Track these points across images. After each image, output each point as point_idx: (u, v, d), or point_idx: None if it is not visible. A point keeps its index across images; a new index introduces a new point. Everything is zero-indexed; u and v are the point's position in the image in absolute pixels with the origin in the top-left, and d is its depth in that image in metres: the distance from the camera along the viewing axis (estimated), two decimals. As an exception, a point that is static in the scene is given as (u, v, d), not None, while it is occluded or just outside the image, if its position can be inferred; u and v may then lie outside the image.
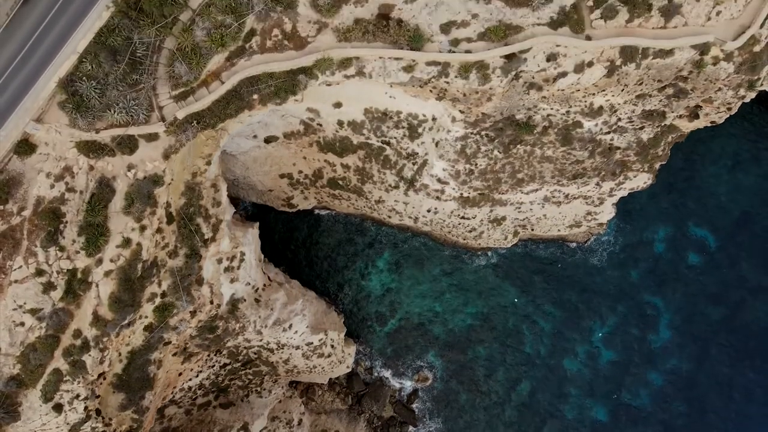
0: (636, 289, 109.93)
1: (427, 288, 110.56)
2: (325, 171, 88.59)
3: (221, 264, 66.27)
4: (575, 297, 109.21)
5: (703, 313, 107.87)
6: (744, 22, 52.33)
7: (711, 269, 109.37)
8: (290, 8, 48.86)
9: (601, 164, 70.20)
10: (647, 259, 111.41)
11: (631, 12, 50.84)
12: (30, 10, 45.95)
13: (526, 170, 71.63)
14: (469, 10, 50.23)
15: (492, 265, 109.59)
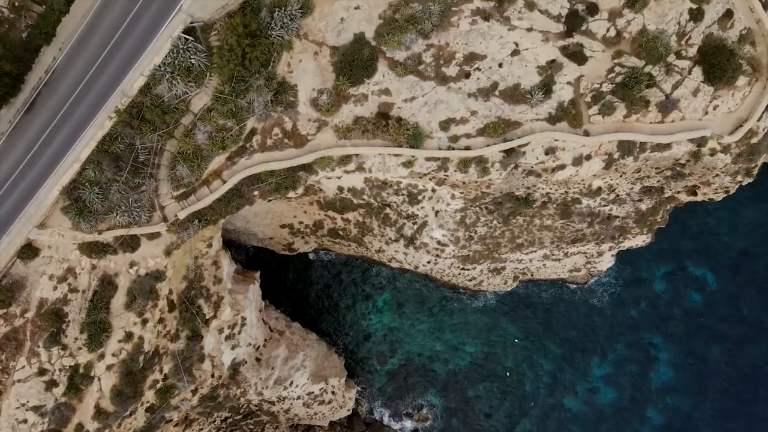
0: (636, 328, 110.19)
1: (427, 327, 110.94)
2: (326, 223, 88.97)
3: (222, 334, 66.79)
4: (575, 335, 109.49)
5: (703, 351, 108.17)
6: (741, 115, 52.61)
7: (711, 308, 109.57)
8: (291, 107, 49.29)
9: (600, 230, 70.57)
10: (647, 298, 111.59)
11: (629, 108, 51.16)
12: (33, 118, 46.38)
13: (526, 236, 72.03)
14: (468, 107, 50.60)
15: (492, 305, 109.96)
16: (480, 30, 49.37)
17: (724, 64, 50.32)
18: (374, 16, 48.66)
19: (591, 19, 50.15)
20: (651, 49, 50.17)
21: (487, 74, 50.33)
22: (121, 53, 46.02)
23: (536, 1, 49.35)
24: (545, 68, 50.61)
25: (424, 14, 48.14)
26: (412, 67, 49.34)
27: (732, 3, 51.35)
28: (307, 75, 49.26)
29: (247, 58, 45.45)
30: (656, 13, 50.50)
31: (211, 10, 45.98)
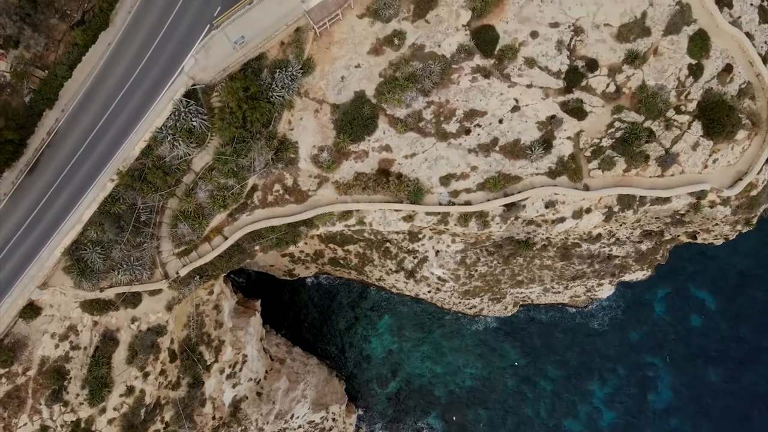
0: (636, 351, 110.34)
1: (427, 350, 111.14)
2: (326, 252, 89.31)
3: (223, 374, 67.01)
4: (576, 358, 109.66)
5: (703, 374, 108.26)
6: (741, 168, 52.79)
7: (711, 331, 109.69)
8: (291, 164, 49.52)
9: (600, 268, 70.77)
10: (647, 320, 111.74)
11: (629, 162, 51.32)
12: (35, 179, 46.63)
13: (526, 274, 72.25)
14: (469, 162, 50.80)
15: (492, 328, 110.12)
16: (480, 87, 49.53)
17: (723, 119, 50.47)
18: (375, 74, 48.82)
19: (591, 75, 50.33)
20: (650, 105, 50.36)
21: (487, 130, 50.51)
22: (123, 115, 46.23)
23: (536, 58, 49.49)
24: (545, 124, 50.78)
25: (425, 73, 48.31)
26: (412, 124, 49.52)
27: (731, 57, 51.49)
28: (308, 132, 49.45)
29: (248, 120, 45.63)
30: (655, 68, 50.66)
31: (212, 72, 46.14)
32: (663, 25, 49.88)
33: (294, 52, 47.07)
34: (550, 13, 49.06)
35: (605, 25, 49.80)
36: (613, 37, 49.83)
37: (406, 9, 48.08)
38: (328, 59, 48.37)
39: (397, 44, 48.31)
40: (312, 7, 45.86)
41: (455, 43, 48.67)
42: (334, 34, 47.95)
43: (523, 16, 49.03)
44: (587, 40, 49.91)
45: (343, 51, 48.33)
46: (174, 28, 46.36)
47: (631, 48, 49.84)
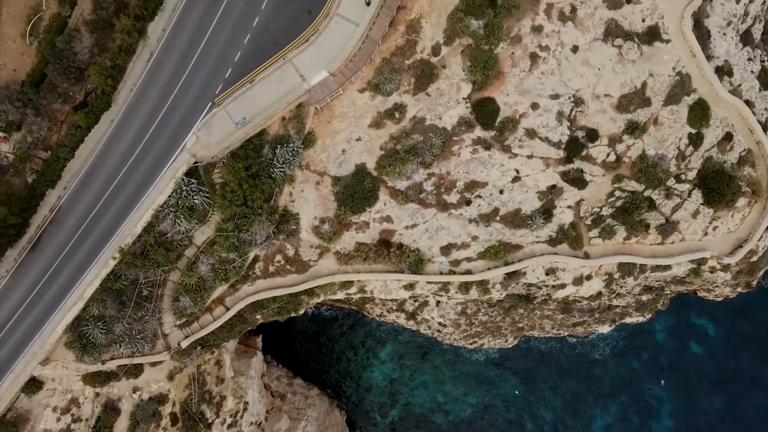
0: (637, 379, 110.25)
1: (428, 379, 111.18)
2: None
3: (224, 424, 67.18)
4: (576, 386, 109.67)
5: (705, 402, 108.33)
6: (741, 235, 52.94)
7: (712, 358, 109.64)
8: (292, 235, 49.72)
9: (600, 316, 70.93)
10: (649, 348, 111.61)
11: (629, 231, 51.45)
12: (37, 255, 46.86)
13: (527, 322, 72.44)
14: (469, 232, 50.99)
15: (493, 358, 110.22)
16: (481, 159, 49.71)
17: (723, 189, 50.65)
18: (376, 147, 49.02)
19: (591, 146, 50.50)
20: (650, 175, 50.55)
21: (488, 201, 50.70)
22: (125, 192, 46.50)
23: (537, 129, 49.67)
24: (546, 193, 50.97)
25: (426, 146, 48.50)
26: (413, 195, 49.75)
27: (731, 125, 51.66)
28: (309, 204, 49.67)
29: (250, 198, 45.79)
30: (656, 138, 50.82)
31: (213, 150, 46.36)
32: (663, 95, 50.01)
33: (295, 127, 47.27)
34: (551, 84, 49.19)
35: (605, 96, 49.94)
36: (613, 108, 49.96)
37: (407, 82, 48.23)
38: (329, 133, 48.55)
39: (397, 117, 48.49)
40: (313, 85, 45.98)
41: (456, 115, 48.83)
42: (335, 108, 48.13)
43: (523, 88, 49.17)
44: (587, 111, 50.06)
45: (344, 124, 48.51)
46: (176, 105, 46.55)
47: (632, 118, 49.99)
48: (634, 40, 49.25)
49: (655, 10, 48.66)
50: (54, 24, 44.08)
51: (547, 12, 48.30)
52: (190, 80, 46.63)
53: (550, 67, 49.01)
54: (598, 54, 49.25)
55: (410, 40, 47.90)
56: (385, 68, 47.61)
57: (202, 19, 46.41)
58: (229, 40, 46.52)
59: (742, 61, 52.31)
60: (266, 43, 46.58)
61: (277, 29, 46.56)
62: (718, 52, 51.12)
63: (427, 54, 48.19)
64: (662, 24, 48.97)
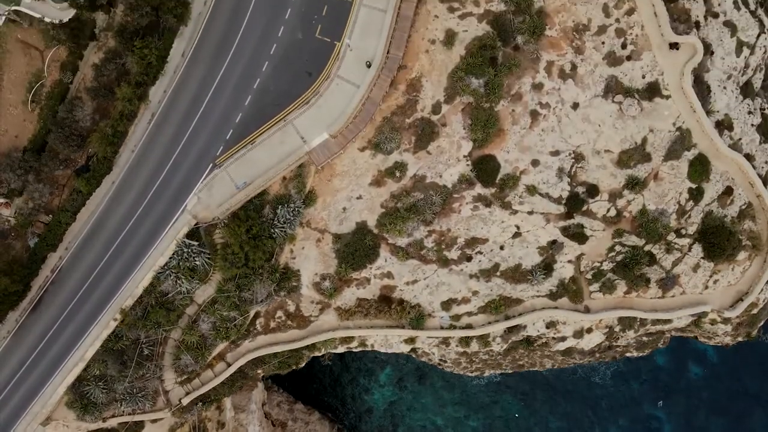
0: (638, 402, 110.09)
1: (428, 401, 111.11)
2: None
3: (225, 466, 67.28)
4: (577, 410, 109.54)
5: (705, 424, 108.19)
6: (742, 288, 53.07)
7: (712, 380, 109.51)
8: (293, 291, 49.87)
9: (601, 356, 71.07)
10: (649, 370, 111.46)
11: (630, 285, 51.59)
12: (38, 316, 47.01)
13: (527, 360, 72.57)
14: (470, 287, 51.15)
15: (493, 382, 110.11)
16: (482, 216, 49.85)
17: (723, 243, 50.79)
18: (376, 205, 49.15)
19: (591, 201, 50.60)
20: (651, 230, 50.70)
21: (488, 256, 50.84)
22: (126, 253, 46.65)
23: (537, 186, 49.79)
24: (546, 248, 51.11)
25: (426, 203, 48.63)
26: (414, 252, 49.92)
27: (732, 179, 51.78)
28: (310, 261, 49.82)
29: (251, 259, 45.94)
30: (656, 193, 50.95)
31: (214, 211, 46.55)
32: (663, 150, 50.15)
33: (296, 187, 47.44)
34: (551, 141, 49.34)
35: (606, 152, 50.09)
36: (613, 163, 50.11)
37: (408, 141, 48.37)
38: (329, 191, 48.67)
39: (398, 176, 48.64)
40: (314, 147, 46.13)
41: (456, 173, 48.97)
42: (336, 166, 48.28)
43: (524, 145, 49.31)
44: (588, 167, 50.19)
45: (344, 183, 48.64)
46: (177, 166, 46.73)
47: (632, 174, 50.12)
48: (635, 96, 49.38)
49: (655, 66, 48.78)
50: (56, 90, 44.22)
51: (548, 69, 48.40)
52: (191, 141, 46.71)
53: (550, 124, 49.13)
54: (598, 110, 49.39)
55: (411, 99, 47.99)
56: (386, 127, 47.73)
57: (203, 80, 46.54)
58: (230, 102, 46.64)
59: (742, 114, 52.44)
60: (267, 105, 46.71)
61: (278, 91, 46.68)
62: (718, 106, 51.25)
63: (427, 112, 48.32)
64: (662, 80, 49.12)
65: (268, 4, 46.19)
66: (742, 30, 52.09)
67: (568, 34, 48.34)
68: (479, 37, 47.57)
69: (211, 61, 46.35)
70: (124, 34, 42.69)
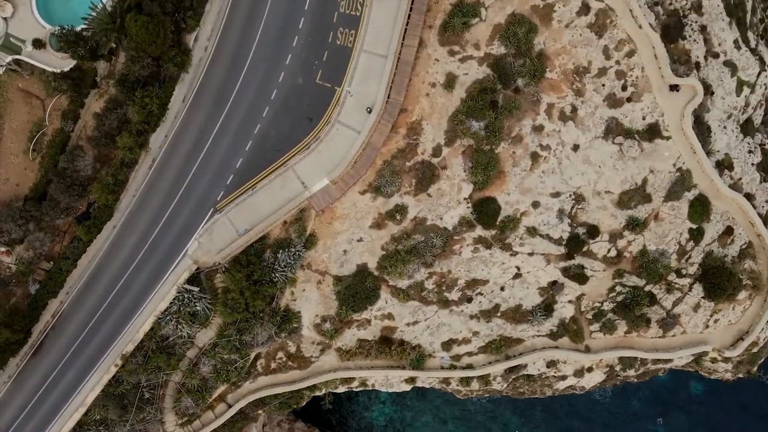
0: (638, 418, 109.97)
1: (429, 419, 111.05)
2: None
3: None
4: (577, 426, 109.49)
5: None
6: (742, 327, 53.15)
7: (713, 397, 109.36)
8: (294, 332, 49.94)
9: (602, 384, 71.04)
10: (649, 387, 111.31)
11: (630, 325, 51.65)
12: (39, 361, 47.10)
13: (527, 388, 72.51)
14: (470, 328, 51.26)
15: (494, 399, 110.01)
16: (482, 257, 49.90)
17: (724, 284, 50.82)
18: (377, 247, 49.20)
19: (592, 242, 50.62)
20: (651, 271, 50.79)
21: (489, 297, 50.93)
22: (127, 298, 46.72)
23: (537, 227, 49.86)
24: (547, 289, 51.20)
25: (427, 246, 48.67)
26: (414, 294, 50.03)
27: (732, 219, 51.83)
28: (311, 302, 49.90)
29: (251, 305, 46.03)
30: (656, 233, 51.02)
31: (215, 256, 46.56)
32: (664, 191, 50.22)
33: (297, 231, 47.50)
34: (552, 183, 49.38)
35: (606, 193, 50.14)
36: (614, 204, 50.16)
37: (408, 183, 48.41)
38: (330, 234, 48.72)
39: (398, 219, 48.68)
40: (315, 192, 46.19)
41: (457, 215, 49.01)
42: (337, 209, 48.34)
43: (524, 186, 49.35)
44: (588, 208, 50.26)
45: (345, 225, 48.68)
46: (178, 211, 46.79)
47: (632, 214, 50.19)
48: (635, 138, 49.43)
49: (655, 108, 48.85)
50: (57, 139, 44.27)
51: (548, 112, 48.45)
52: (192, 186, 46.82)
53: (551, 165, 49.18)
54: (598, 152, 49.43)
55: (411, 142, 48.03)
56: (387, 170, 47.78)
57: (204, 125, 46.62)
58: (231, 147, 46.70)
59: (742, 154, 52.53)
60: (268, 150, 46.77)
61: (279, 136, 46.73)
62: (718, 146, 51.34)
63: (428, 155, 48.36)
64: (662, 121, 49.17)
65: (269, 50, 46.21)
66: (743, 69, 52.14)
67: (568, 77, 48.32)
68: (480, 80, 47.53)
69: (212, 107, 46.35)
70: (125, 84, 42.71)
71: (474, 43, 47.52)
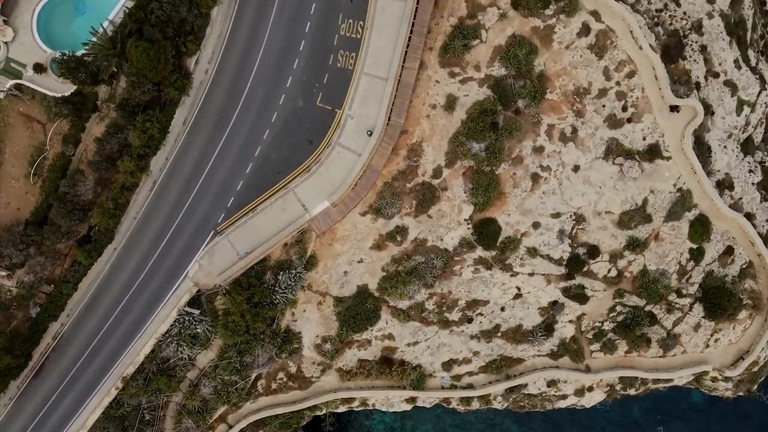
0: (639, 426, 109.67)
1: (429, 428, 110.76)
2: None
3: None
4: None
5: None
6: (743, 347, 53.21)
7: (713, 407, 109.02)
8: (295, 353, 50.01)
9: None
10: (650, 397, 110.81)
11: (630, 345, 51.69)
12: (40, 383, 47.17)
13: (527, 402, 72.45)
14: (471, 348, 51.32)
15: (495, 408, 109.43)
16: (482, 278, 49.95)
17: (724, 304, 50.86)
18: (377, 268, 49.24)
19: (592, 262, 50.65)
20: (652, 291, 50.84)
21: (489, 318, 50.98)
22: (128, 320, 46.76)
23: (538, 248, 49.89)
24: (547, 309, 51.27)
25: (427, 267, 48.69)
26: (414, 314, 50.09)
27: (732, 238, 51.87)
28: (311, 323, 49.96)
29: (252, 327, 46.08)
30: (657, 254, 51.05)
31: (216, 278, 46.58)
32: (664, 211, 50.26)
33: (297, 253, 47.55)
34: (552, 203, 49.42)
35: (606, 213, 50.20)
36: (614, 224, 50.20)
37: (408, 205, 48.46)
38: (330, 255, 48.77)
39: (399, 240, 48.72)
40: (315, 215, 46.22)
41: (457, 236, 49.06)
42: (337, 231, 48.37)
43: (525, 207, 49.39)
44: (588, 228, 50.31)
45: (345, 247, 48.73)
46: (178, 233, 46.85)
47: (633, 234, 50.23)
48: (635, 158, 49.49)
49: (655, 128, 48.91)
50: (58, 163, 44.32)
51: (549, 133, 48.50)
52: (192, 209, 46.86)
53: (551, 186, 49.21)
54: (599, 172, 49.48)
55: (412, 164, 48.09)
56: (387, 192, 47.83)
57: (204, 148, 46.69)
58: (231, 169, 46.75)
59: (743, 173, 52.58)
60: (268, 173, 46.82)
61: (280, 159, 46.78)
62: (718, 166, 51.40)
63: (428, 176, 48.41)
64: (663, 142, 49.23)
65: (269, 72, 46.28)
66: (743, 89, 52.20)
67: (568, 98, 48.37)
68: (480, 102, 47.58)
69: (213, 129, 46.41)
70: (126, 108, 42.74)
71: (474, 64, 47.54)
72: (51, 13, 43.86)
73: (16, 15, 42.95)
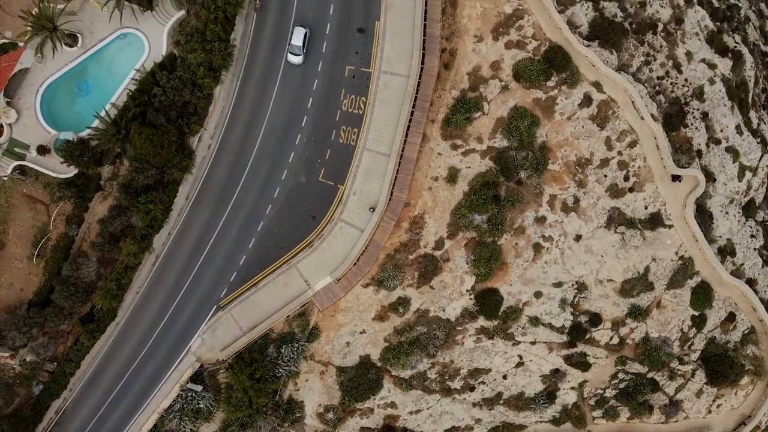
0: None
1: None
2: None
3: None
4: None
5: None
6: (744, 411, 53.22)
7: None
8: (297, 422, 49.97)
9: None
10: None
11: (633, 412, 51.69)
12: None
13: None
14: (473, 416, 51.31)
15: None
16: (484, 347, 50.03)
17: (726, 371, 50.88)
18: (380, 339, 49.30)
19: (594, 330, 50.70)
20: (654, 358, 50.88)
21: (491, 386, 51.01)
22: (130, 395, 46.83)
23: (540, 317, 49.95)
24: (549, 377, 51.29)
25: (429, 338, 48.76)
26: (417, 383, 50.07)
27: (734, 305, 51.91)
28: (314, 392, 49.98)
29: (255, 402, 46.09)
30: (659, 321, 51.12)
31: (218, 352, 46.64)
32: (666, 279, 50.34)
33: (299, 325, 47.63)
34: (554, 273, 49.49)
35: (608, 281, 50.28)
36: (616, 292, 50.29)
37: (411, 276, 48.52)
38: (333, 326, 48.83)
39: (401, 311, 48.81)
40: (318, 290, 46.29)
41: (459, 307, 49.14)
42: (340, 302, 48.46)
43: (527, 277, 49.46)
44: (590, 296, 50.40)
45: (348, 318, 48.80)
46: (181, 308, 46.95)
47: (634, 302, 50.32)
48: (637, 227, 49.60)
49: (657, 197, 49.03)
50: (61, 243, 44.42)
51: (550, 203, 48.60)
52: (195, 283, 46.97)
53: (553, 256, 49.29)
54: (600, 241, 49.57)
55: (414, 236, 48.16)
56: (389, 264, 47.89)
57: (207, 223, 46.83)
58: (234, 244, 46.86)
59: (744, 239, 52.66)
60: (271, 248, 46.91)
61: (282, 234, 46.88)
62: (720, 232, 51.48)
63: (430, 248, 48.48)
64: (664, 210, 49.33)
65: (271, 148, 46.45)
66: (744, 154, 52.39)
67: (570, 168, 48.48)
68: (482, 173, 47.71)
69: (215, 205, 46.54)
70: (129, 191, 42.81)
71: (476, 136, 47.69)
72: (54, 93, 43.97)
73: (20, 96, 43.04)
